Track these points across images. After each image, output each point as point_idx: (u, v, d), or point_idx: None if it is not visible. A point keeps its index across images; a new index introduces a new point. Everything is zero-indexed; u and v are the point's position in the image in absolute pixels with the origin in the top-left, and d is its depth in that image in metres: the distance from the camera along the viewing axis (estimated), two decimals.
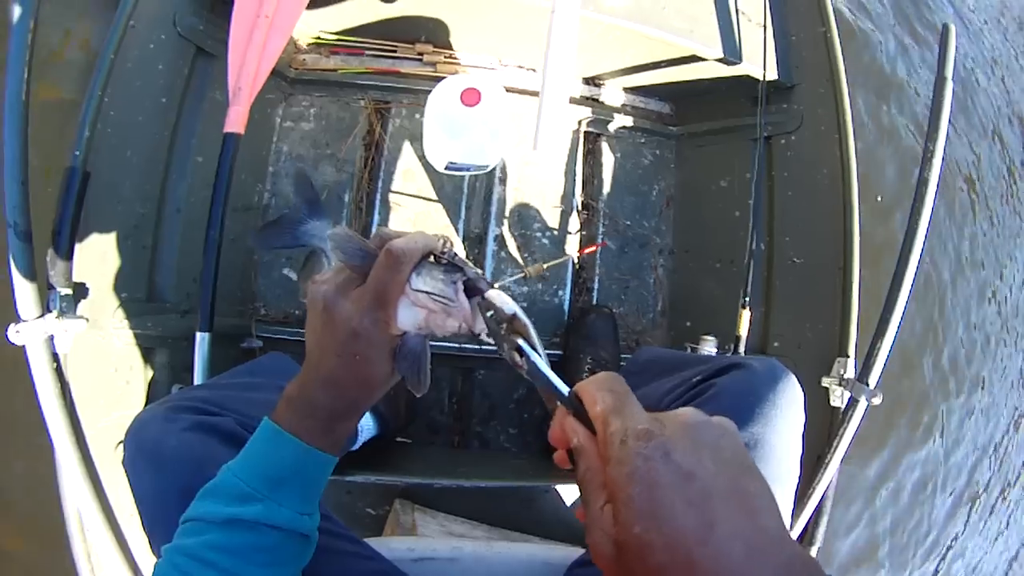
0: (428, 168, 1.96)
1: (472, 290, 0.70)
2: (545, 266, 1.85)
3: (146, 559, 1.16)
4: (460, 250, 1.98)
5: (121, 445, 1.19)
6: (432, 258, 0.72)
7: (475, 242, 2.03)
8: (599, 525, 0.49)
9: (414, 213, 1.97)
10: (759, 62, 1.75)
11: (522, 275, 1.80)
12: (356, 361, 0.72)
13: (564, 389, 0.59)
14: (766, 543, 0.46)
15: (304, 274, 0.98)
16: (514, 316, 0.67)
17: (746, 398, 1.01)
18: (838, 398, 1.49)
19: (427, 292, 0.70)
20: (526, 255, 2.03)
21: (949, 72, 1.46)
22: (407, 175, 1.99)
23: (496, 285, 0.70)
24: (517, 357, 0.66)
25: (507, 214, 2.04)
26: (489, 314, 0.69)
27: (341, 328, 0.71)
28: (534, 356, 0.65)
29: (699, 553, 0.45)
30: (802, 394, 1.05)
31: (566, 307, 2.05)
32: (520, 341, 0.66)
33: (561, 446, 0.58)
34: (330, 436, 0.76)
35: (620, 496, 0.48)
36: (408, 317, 0.72)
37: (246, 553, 0.71)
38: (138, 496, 0.91)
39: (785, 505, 1.01)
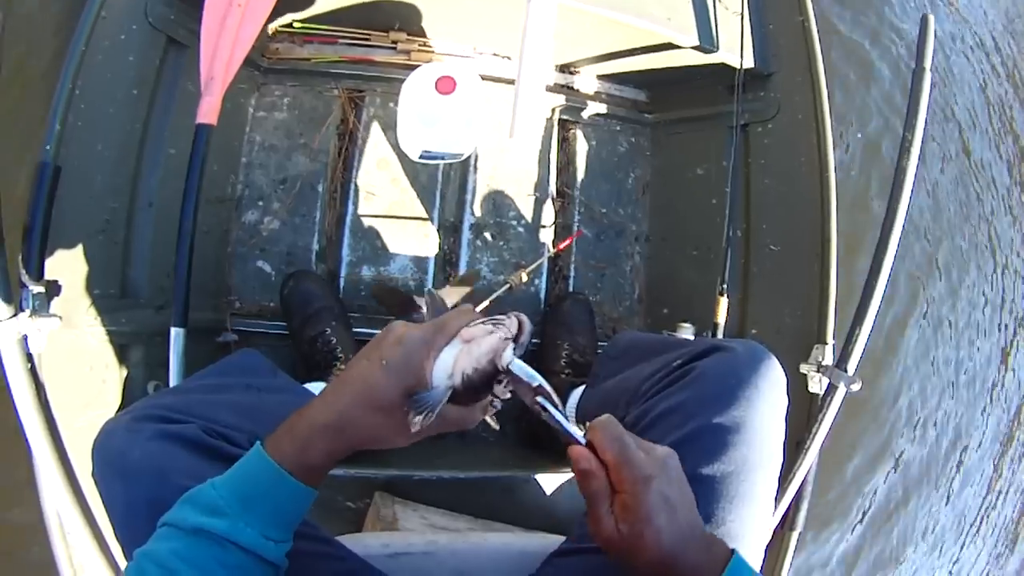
0: (402, 157, 1.94)
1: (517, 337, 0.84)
2: (526, 273, 1.84)
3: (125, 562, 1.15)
4: (435, 239, 1.97)
5: None
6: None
7: (450, 231, 2.02)
8: (606, 520, 0.75)
9: (388, 202, 1.96)
10: (736, 50, 1.75)
11: (508, 288, 1.79)
12: (382, 370, 0.77)
13: (581, 438, 0.78)
14: (695, 528, 0.77)
15: None
16: (539, 386, 0.81)
17: (727, 381, 1.01)
18: (816, 384, 1.49)
19: (483, 322, 0.83)
20: (502, 243, 2.03)
21: (928, 63, 1.46)
22: (381, 164, 1.97)
23: (487, 303, 0.85)
24: (541, 411, 0.81)
25: (482, 203, 2.03)
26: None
27: (393, 335, 0.80)
28: (557, 415, 0.80)
29: (667, 536, 0.73)
30: (784, 377, 1.05)
31: (542, 295, 2.05)
32: (542, 400, 0.81)
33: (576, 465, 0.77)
34: (304, 457, 0.76)
35: (635, 511, 0.73)
36: (447, 360, 0.80)
37: (211, 568, 0.72)
38: (108, 507, 0.91)
39: (769, 488, 1.01)
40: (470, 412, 0.85)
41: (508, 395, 0.85)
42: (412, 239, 1.95)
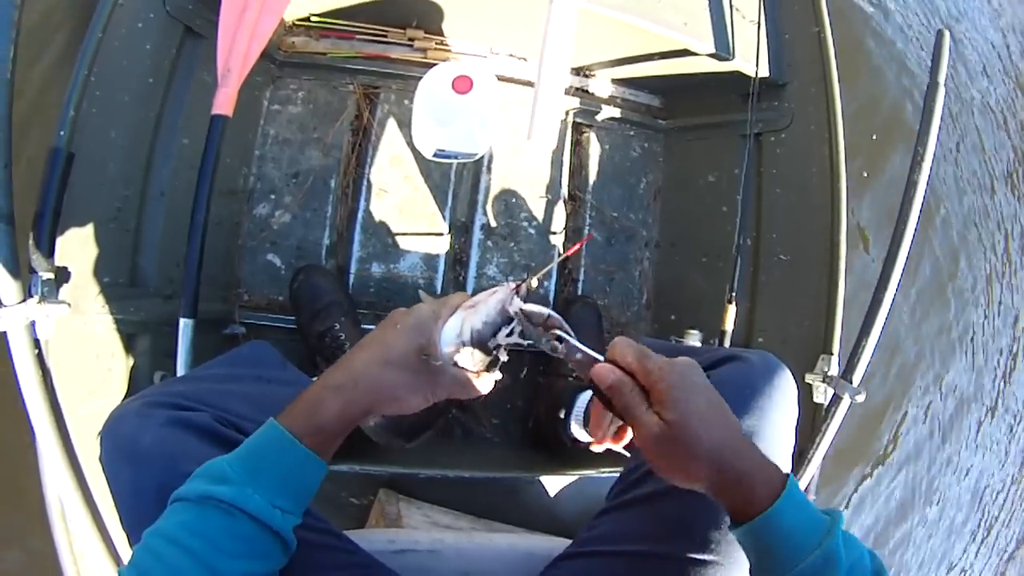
0: (416, 155, 1.94)
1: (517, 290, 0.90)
2: (535, 280, 1.84)
3: (128, 551, 1.15)
4: (446, 238, 1.97)
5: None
6: None
7: (461, 231, 2.02)
8: (646, 420, 0.76)
9: (400, 200, 1.96)
10: (751, 59, 1.74)
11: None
12: (395, 331, 0.85)
13: (600, 356, 0.83)
14: (736, 427, 0.80)
15: None
16: (548, 316, 0.88)
17: (742, 391, 1.02)
18: (821, 395, 1.49)
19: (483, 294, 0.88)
20: (512, 244, 2.02)
21: (942, 78, 1.46)
22: (394, 161, 1.97)
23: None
24: (557, 344, 0.86)
25: (494, 203, 2.03)
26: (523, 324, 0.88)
27: (401, 311, 0.88)
28: (573, 340, 0.86)
29: (711, 419, 0.77)
30: (796, 389, 1.06)
31: (551, 298, 2.05)
32: (558, 332, 0.86)
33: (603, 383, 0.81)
34: (315, 419, 0.78)
35: (672, 394, 0.76)
36: (453, 325, 0.85)
37: (219, 539, 0.72)
38: (115, 493, 0.90)
39: None
40: (480, 378, 0.88)
41: (511, 342, 0.89)
42: (423, 237, 1.95)
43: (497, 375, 0.90)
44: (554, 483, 1.70)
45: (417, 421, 1.61)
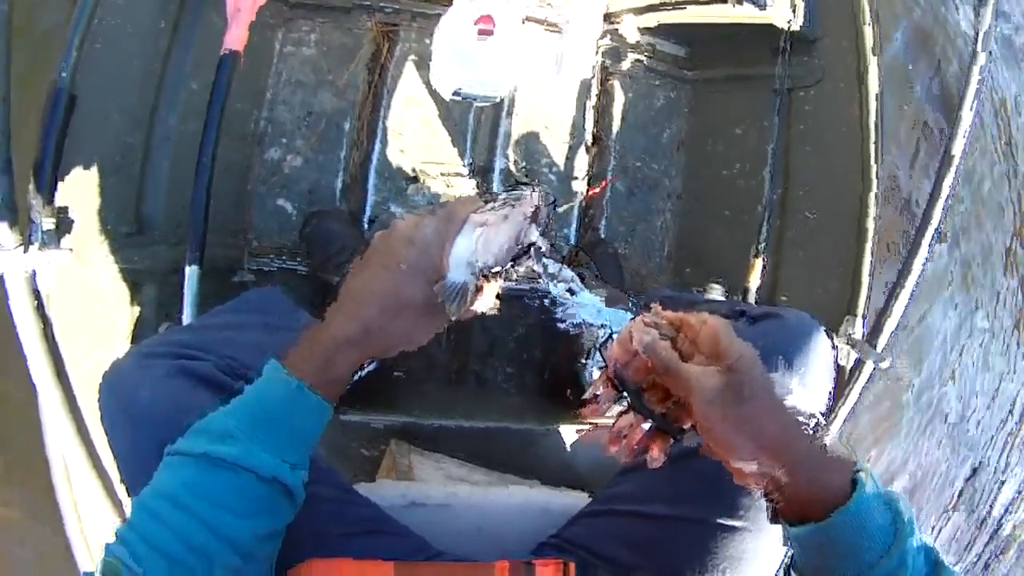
0: (434, 95, 1.90)
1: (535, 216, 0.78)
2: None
3: None
4: (464, 182, 1.94)
5: None
6: None
7: (479, 175, 1.98)
8: (702, 374, 0.69)
9: (418, 143, 1.92)
10: (784, 10, 1.67)
11: None
12: (400, 273, 0.74)
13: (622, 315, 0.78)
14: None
15: None
16: (561, 269, 0.79)
17: (775, 350, 0.97)
18: (845, 358, 1.45)
19: (502, 200, 0.77)
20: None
21: (980, 45, 1.39)
22: (411, 103, 1.92)
23: None
24: (569, 295, 0.79)
25: (514, 147, 1.99)
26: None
27: (400, 235, 0.76)
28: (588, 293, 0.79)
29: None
30: (831, 351, 1.02)
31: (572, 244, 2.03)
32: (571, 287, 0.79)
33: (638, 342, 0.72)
34: (327, 373, 0.74)
35: (728, 337, 0.71)
36: (462, 248, 0.75)
37: (225, 500, 0.69)
38: (115, 451, 0.88)
39: None
40: (483, 297, 0.82)
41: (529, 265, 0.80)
42: (439, 181, 1.92)
43: (500, 284, 0.82)
44: (570, 434, 1.69)
45: None
